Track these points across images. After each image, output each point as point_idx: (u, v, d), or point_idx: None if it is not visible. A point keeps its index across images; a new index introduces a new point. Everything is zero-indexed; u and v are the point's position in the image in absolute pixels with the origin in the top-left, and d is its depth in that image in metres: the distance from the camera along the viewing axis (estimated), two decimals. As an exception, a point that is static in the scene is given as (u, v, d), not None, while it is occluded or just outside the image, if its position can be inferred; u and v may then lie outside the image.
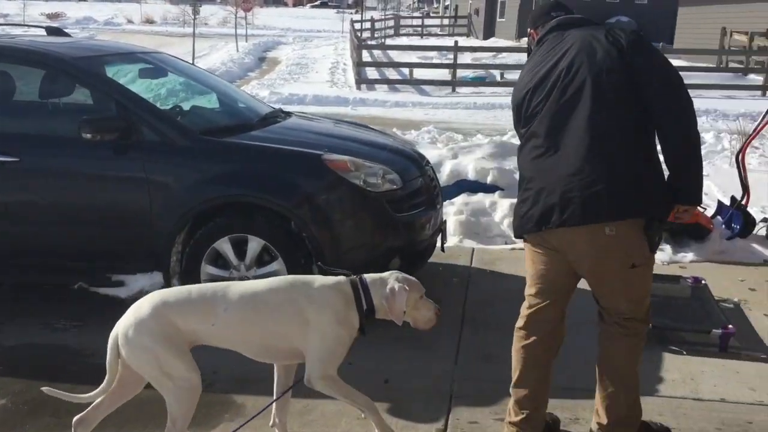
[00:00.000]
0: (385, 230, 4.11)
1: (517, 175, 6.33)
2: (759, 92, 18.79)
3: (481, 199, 6.27)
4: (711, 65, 21.73)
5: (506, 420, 3.04)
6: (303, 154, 4.14)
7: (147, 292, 4.15)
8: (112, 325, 2.72)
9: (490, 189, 6.38)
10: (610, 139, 2.67)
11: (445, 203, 5.99)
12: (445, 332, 4.12)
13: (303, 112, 6.12)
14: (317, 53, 28.62)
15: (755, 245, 5.86)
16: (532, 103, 2.86)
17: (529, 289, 3.01)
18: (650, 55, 2.74)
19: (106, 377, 2.68)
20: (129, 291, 4.13)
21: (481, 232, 6.00)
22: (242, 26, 30.60)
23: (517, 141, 3.24)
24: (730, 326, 4.01)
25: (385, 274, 2.86)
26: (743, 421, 3.23)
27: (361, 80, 19.54)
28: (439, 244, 4.78)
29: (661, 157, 2.80)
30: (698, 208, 6.13)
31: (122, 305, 4.16)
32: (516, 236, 3.05)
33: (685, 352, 3.90)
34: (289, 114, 5.22)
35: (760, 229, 6.13)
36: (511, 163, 6.69)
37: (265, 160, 4.12)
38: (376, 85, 19.58)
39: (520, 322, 3.06)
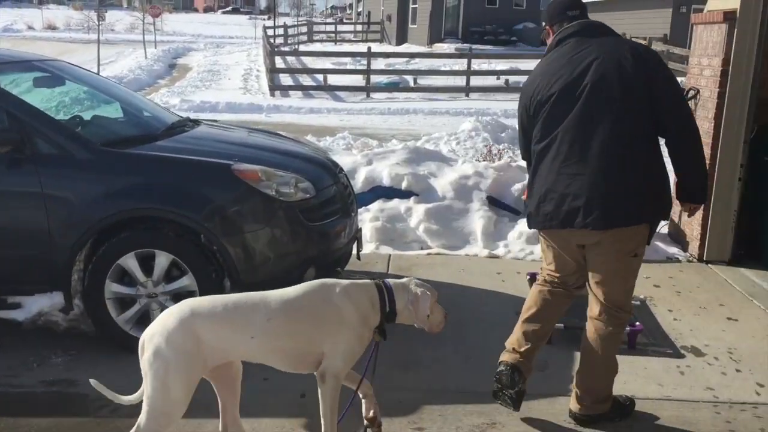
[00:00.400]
0: (299, 240, 4.04)
1: (431, 180, 6.45)
2: (658, 95, 19.64)
3: (397, 205, 6.27)
4: (613, 70, 22.57)
5: (510, 348, 3.31)
6: (212, 165, 4.02)
7: (46, 314, 3.98)
8: (8, 351, 2.54)
9: (405, 195, 6.38)
10: (632, 150, 2.96)
11: (360, 210, 5.96)
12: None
13: (214, 121, 5.97)
14: (230, 60, 28.15)
15: (658, 243, 6.09)
16: (557, 109, 3.03)
17: (549, 266, 3.35)
18: (665, 69, 3.05)
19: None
20: (26, 313, 3.90)
21: (397, 238, 6.00)
22: (151, 32, 29.74)
23: (430, 147, 3.35)
24: (638, 323, 4.13)
25: (405, 280, 2.98)
26: (652, 416, 3.33)
27: (275, 87, 19.34)
28: (354, 251, 4.74)
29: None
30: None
31: (19, 329, 3.98)
32: (533, 228, 3.33)
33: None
34: (197, 122, 5.07)
35: (662, 228, 6.37)
36: (426, 169, 6.74)
37: (171, 171, 3.97)
38: (291, 92, 19.43)
39: (544, 279, 3.37)
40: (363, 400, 3.06)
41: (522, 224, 5.99)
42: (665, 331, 4.32)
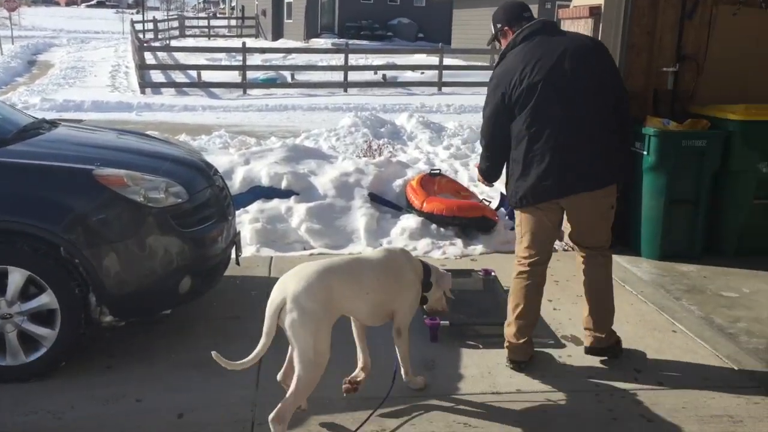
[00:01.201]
0: (172, 249, 3.79)
1: (312, 179, 6.31)
2: (529, 88, 20.36)
3: (277, 205, 6.08)
4: (486, 64, 23.24)
5: (511, 343, 3.75)
6: (70, 170, 3.69)
7: None
8: None
9: (285, 194, 6.20)
10: (609, 125, 3.60)
11: (238, 212, 5.74)
12: (243, 352, 3.87)
13: (77, 121, 5.55)
14: (95, 56, 26.74)
15: (536, 233, 6.23)
16: (544, 95, 3.50)
17: (528, 247, 3.73)
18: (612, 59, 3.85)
19: (262, 341, 3.01)
20: None
21: (278, 239, 5.82)
22: (7, 27, 27.81)
23: (309, 143, 3.34)
24: (521, 316, 4.17)
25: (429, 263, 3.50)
26: (539, 409, 3.35)
27: (146, 84, 18.52)
28: (234, 256, 4.53)
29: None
30: (483, 201, 6.43)
31: None
32: (532, 203, 3.65)
33: (481, 346, 4.00)
34: (55, 124, 4.68)
35: (539, 218, 6.53)
36: (306, 167, 6.58)
37: (23, 179, 3.61)
38: (163, 89, 18.66)
39: (521, 270, 3.75)
40: (362, 372, 3.49)
41: (405, 220, 5.97)
42: (546, 321, 4.39)
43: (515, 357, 3.76)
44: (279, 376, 3.30)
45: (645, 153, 5.49)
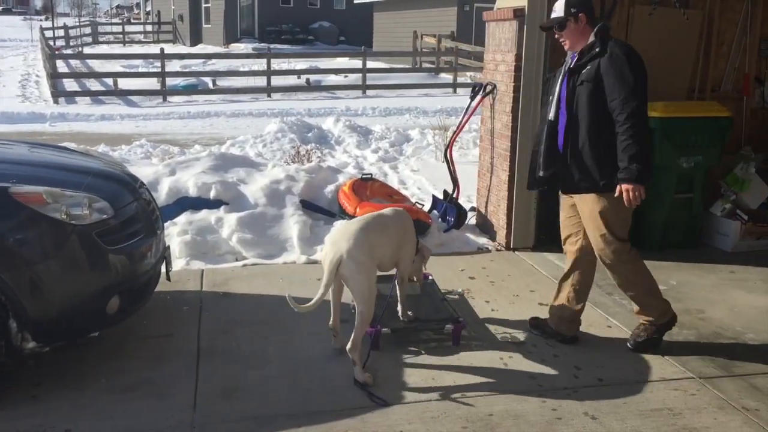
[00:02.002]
0: (98, 268, 3.60)
1: (241, 187, 6.19)
2: (451, 89, 20.63)
3: (206, 216, 5.91)
4: (407, 66, 23.43)
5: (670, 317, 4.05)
6: (-16, 189, 3.46)
7: None
8: None
9: (214, 204, 6.03)
10: None
11: (166, 224, 5.54)
12: (179, 371, 3.74)
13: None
14: (3, 65, 25.56)
15: (468, 234, 6.28)
16: None
17: (628, 227, 4.02)
18: None
19: (321, 291, 3.60)
20: None
21: (209, 251, 5.65)
22: None
23: (236, 150, 3.21)
24: (461, 319, 4.17)
25: None
26: (484, 414, 3.34)
27: (58, 93, 17.81)
28: (164, 271, 4.36)
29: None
30: (416, 204, 6.43)
31: None
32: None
33: (423, 352, 3.97)
34: (-37, 140, 4.40)
35: (470, 219, 6.59)
36: (235, 175, 6.43)
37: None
38: (77, 98, 17.98)
39: (630, 249, 4.01)
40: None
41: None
42: (485, 323, 4.41)
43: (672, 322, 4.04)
44: (330, 323, 3.93)
45: (572, 152, 5.59)
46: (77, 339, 3.80)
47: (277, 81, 19.94)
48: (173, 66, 21.20)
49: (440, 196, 6.76)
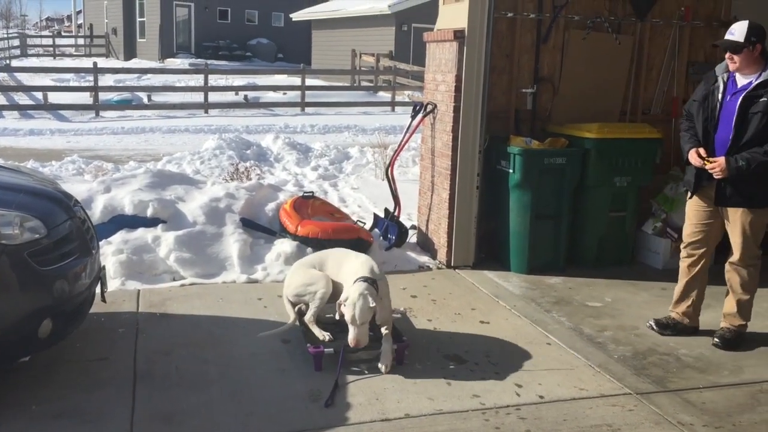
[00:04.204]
0: (30, 289, 3.46)
1: (180, 205, 6.07)
2: (389, 108, 20.80)
3: (143, 234, 5.76)
4: (346, 84, 23.52)
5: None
6: None
7: None
8: None
9: (151, 223, 5.88)
10: None
11: (101, 243, 5.37)
12: (115, 396, 3.62)
13: None
14: (-77, 76, 24.46)
15: (410, 253, 6.31)
16: None
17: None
18: None
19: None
20: None
21: (145, 270, 5.51)
22: None
23: (173, 167, 3.07)
24: (405, 338, 4.17)
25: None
26: (429, 433, 3.34)
27: (-16, 107, 17.16)
28: (98, 292, 4.22)
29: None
30: (357, 222, 6.44)
31: None
32: None
33: (366, 372, 3.95)
34: None
35: (411, 237, 6.62)
36: (173, 193, 6.29)
37: None
38: (4, 112, 17.37)
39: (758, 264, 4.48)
40: None
41: (279, 245, 5.83)
42: (428, 342, 4.42)
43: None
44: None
45: (511, 171, 5.70)
46: (7, 365, 3.63)
47: (214, 97, 19.72)
48: (106, 80, 20.72)
49: (381, 214, 6.78)
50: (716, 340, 4.50)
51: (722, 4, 6.52)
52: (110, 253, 5.51)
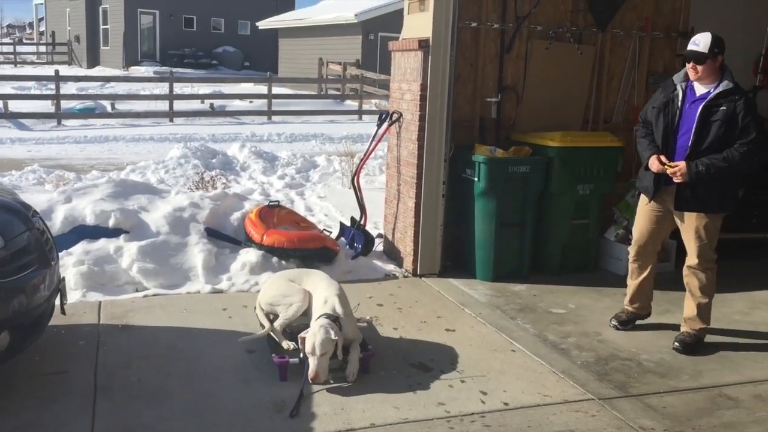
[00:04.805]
0: (-14, 302, 3.39)
1: (143, 215, 6.00)
2: (356, 116, 20.81)
3: (104, 245, 5.67)
4: (313, 93, 23.50)
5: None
6: None
7: None
8: None
9: (113, 233, 5.79)
10: None
11: (61, 254, 5.29)
12: (74, 410, 3.56)
13: None
14: None
15: (376, 261, 6.31)
16: None
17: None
18: None
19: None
20: None
21: (107, 282, 5.42)
22: None
23: (137, 177, 3.04)
24: (370, 347, 4.17)
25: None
26: (394, 442, 3.34)
27: (-58, 115, 16.77)
28: (58, 304, 4.15)
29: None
30: (323, 231, 6.42)
31: None
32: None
33: (332, 381, 3.93)
34: None
35: (378, 245, 6.62)
36: (135, 203, 6.21)
37: None
38: (-38, 120, 16.99)
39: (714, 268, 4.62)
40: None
41: (245, 254, 5.79)
42: (394, 350, 4.42)
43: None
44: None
45: (476, 179, 5.74)
46: (-39, 379, 3.55)
47: (179, 105, 19.54)
48: (69, 88, 20.37)
49: (347, 223, 6.77)
50: (676, 344, 4.58)
51: (680, 16, 6.67)
52: (71, 264, 5.42)
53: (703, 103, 4.35)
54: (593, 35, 6.42)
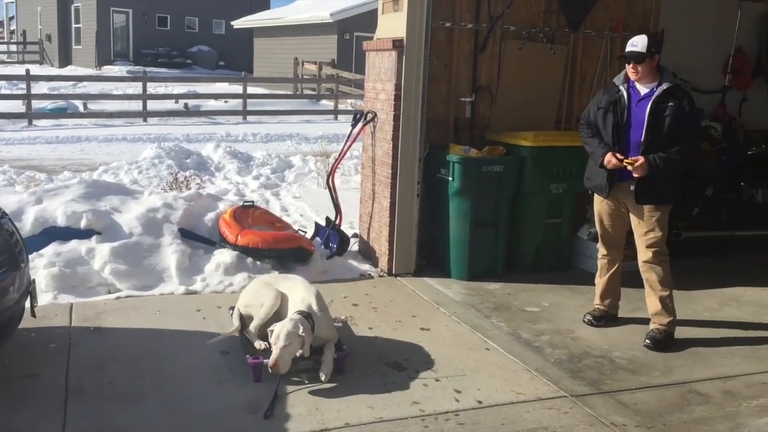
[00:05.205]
0: (-47, 305, 3.34)
1: (115, 216, 5.94)
2: (332, 116, 20.78)
3: (76, 246, 5.60)
4: (289, 92, 23.41)
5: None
6: None
7: None
8: None
9: (85, 234, 5.72)
10: None
11: (31, 256, 5.22)
12: (45, 413, 3.51)
13: None
14: None
15: (351, 261, 6.31)
16: None
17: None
18: None
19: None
20: None
21: (79, 284, 5.36)
22: None
23: (109, 178, 3.00)
24: (345, 347, 4.17)
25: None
26: (368, 441, 3.34)
27: None
28: (28, 306, 4.09)
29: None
30: (298, 231, 6.41)
31: None
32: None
33: (306, 381, 3.93)
34: None
35: (353, 245, 6.62)
36: (108, 203, 6.14)
37: None
38: (-70, 120, 16.68)
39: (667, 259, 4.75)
40: None
41: (219, 255, 5.76)
42: (369, 350, 4.42)
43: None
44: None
45: (450, 179, 5.76)
46: (-72, 383, 3.49)
47: (153, 105, 19.36)
48: (40, 88, 20.10)
49: (323, 223, 6.76)
50: (647, 341, 4.65)
51: (651, 17, 6.75)
52: (41, 266, 5.35)
53: (652, 100, 4.56)
54: (566, 35, 6.48)
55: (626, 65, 4.66)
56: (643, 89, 4.64)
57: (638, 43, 4.57)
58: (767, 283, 6.02)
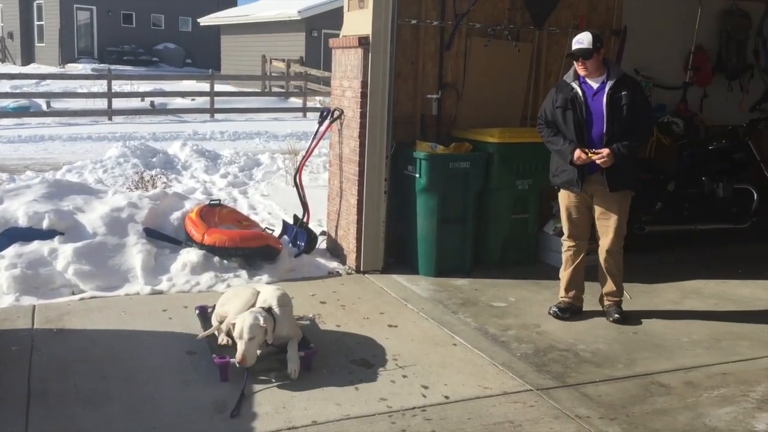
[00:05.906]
0: None
1: (79, 216, 5.88)
2: (300, 114, 20.70)
3: (38, 247, 5.51)
4: (257, 90, 23.27)
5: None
6: None
7: None
8: None
9: (47, 235, 5.63)
10: None
11: (-8, 258, 5.14)
12: (6, 417, 3.46)
13: None
14: None
15: (319, 259, 6.30)
16: None
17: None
18: None
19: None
20: None
21: (41, 285, 5.27)
22: None
23: (73, 177, 2.98)
24: (312, 345, 4.16)
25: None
26: (335, 438, 3.35)
27: None
28: (-11, 309, 4.02)
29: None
30: (266, 229, 6.39)
31: None
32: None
33: (274, 380, 3.92)
34: None
35: (321, 243, 6.62)
36: (71, 203, 6.05)
37: None
38: None
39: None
40: None
41: (185, 254, 5.71)
42: (336, 347, 4.42)
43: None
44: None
45: (417, 176, 5.79)
46: None
47: (118, 103, 19.10)
48: (2, 86, 19.73)
49: (291, 221, 6.74)
50: (616, 316, 4.97)
51: (614, 14, 6.84)
52: (3, 267, 5.26)
53: (606, 93, 4.75)
54: (530, 33, 6.54)
55: (574, 62, 4.83)
56: (594, 83, 4.83)
57: (584, 40, 4.73)
58: (728, 276, 6.15)
